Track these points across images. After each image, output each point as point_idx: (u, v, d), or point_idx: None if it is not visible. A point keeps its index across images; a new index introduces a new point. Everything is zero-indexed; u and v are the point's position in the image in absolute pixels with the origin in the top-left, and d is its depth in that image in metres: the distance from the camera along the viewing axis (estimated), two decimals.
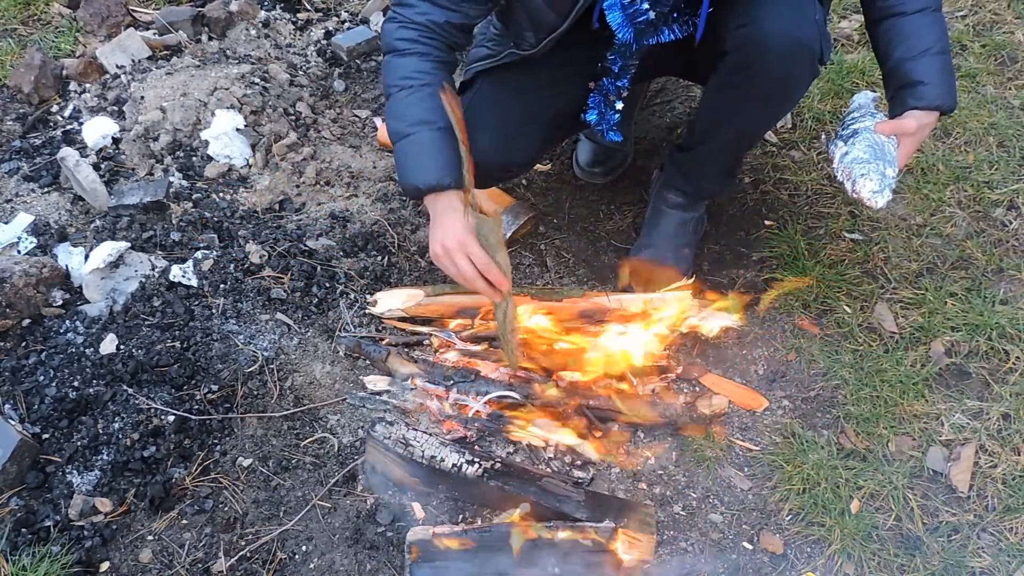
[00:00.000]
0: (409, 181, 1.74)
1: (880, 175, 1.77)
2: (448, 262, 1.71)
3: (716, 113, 1.99)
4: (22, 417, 1.84)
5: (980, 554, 1.65)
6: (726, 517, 1.75)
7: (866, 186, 1.78)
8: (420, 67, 1.75)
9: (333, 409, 1.93)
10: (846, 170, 1.82)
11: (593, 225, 2.39)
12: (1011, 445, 1.81)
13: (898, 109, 1.81)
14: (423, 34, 1.75)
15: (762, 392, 1.96)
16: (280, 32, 2.97)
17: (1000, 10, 2.97)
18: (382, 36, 1.83)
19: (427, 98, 1.73)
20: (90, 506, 1.72)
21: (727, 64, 1.86)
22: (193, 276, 2.13)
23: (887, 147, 1.80)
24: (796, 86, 1.91)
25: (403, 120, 1.74)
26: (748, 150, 2.36)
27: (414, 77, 1.74)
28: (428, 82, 1.74)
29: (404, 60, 1.76)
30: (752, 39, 1.78)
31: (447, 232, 1.70)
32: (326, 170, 2.53)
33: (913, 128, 1.78)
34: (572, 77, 1.99)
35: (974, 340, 2.00)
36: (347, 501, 1.76)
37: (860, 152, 1.80)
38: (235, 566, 1.66)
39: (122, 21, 2.94)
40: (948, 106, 1.79)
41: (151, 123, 2.53)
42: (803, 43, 1.79)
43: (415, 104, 1.73)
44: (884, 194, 1.78)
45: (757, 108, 1.93)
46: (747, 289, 2.18)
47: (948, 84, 1.79)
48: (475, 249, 1.68)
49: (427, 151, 1.71)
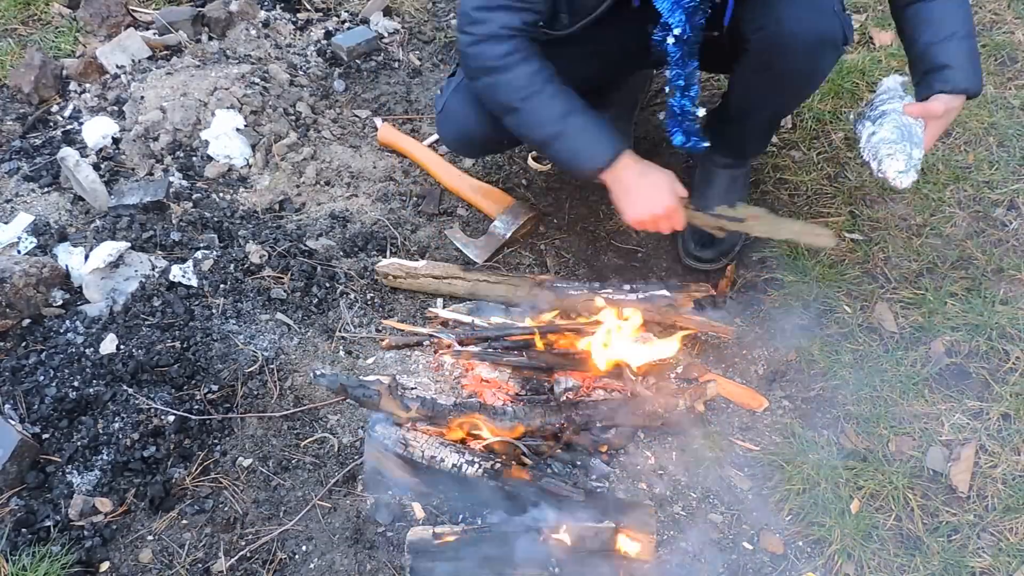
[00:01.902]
0: (588, 167, 1.82)
1: (907, 156, 1.78)
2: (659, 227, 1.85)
3: (746, 101, 2.05)
4: (22, 417, 1.84)
5: (980, 554, 1.65)
6: (726, 517, 1.75)
7: (892, 166, 1.79)
8: (530, 70, 1.79)
9: (333, 409, 1.93)
10: (872, 150, 1.83)
11: (593, 225, 2.39)
12: (1011, 445, 1.81)
13: (925, 92, 1.82)
14: (512, 43, 1.77)
15: (762, 392, 1.96)
16: (280, 32, 2.97)
17: (1000, 10, 2.96)
18: (470, 61, 1.83)
19: (556, 93, 1.79)
20: (90, 506, 1.72)
21: (751, 61, 1.88)
22: (193, 276, 2.13)
23: (914, 129, 1.81)
24: (821, 74, 1.96)
25: (547, 124, 1.80)
26: (784, 118, 2.49)
27: (533, 82, 1.78)
28: (547, 78, 1.79)
29: (512, 74, 1.79)
30: (775, 41, 1.80)
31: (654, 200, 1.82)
32: (326, 170, 2.53)
33: (940, 111, 1.79)
34: (591, 56, 1.99)
35: (974, 340, 2.00)
36: (347, 501, 1.76)
37: (888, 133, 1.81)
38: (235, 566, 1.66)
39: (122, 21, 2.94)
40: (974, 90, 1.80)
41: (151, 123, 2.53)
42: (825, 38, 1.81)
43: (547, 104, 1.78)
44: (910, 174, 1.79)
45: (786, 96, 2.01)
46: (747, 289, 2.18)
47: (974, 68, 1.80)
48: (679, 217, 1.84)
49: (587, 133, 1.78)
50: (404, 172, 2.55)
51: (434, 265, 2.17)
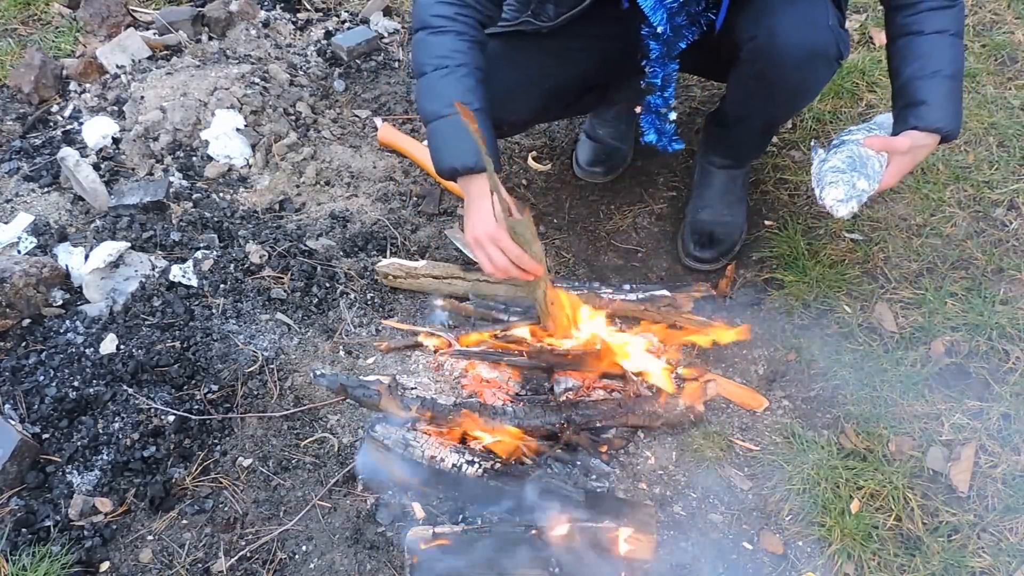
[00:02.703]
0: (445, 163, 1.75)
1: (849, 185, 1.77)
2: (482, 254, 1.74)
3: (739, 108, 2.05)
4: (22, 417, 1.84)
5: (980, 554, 1.65)
6: (726, 517, 1.74)
7: (831, 193, 1.78)
8: (456, 46, 1.74)
9: (333, 409, 1.93)
10: (818, 176, 1.83)
11: (593, 225, 2.39)
12: (1011, 445, 1.81)
13: (899, 127, 1.80)
14: (459, 11, 1.75)
15: (762, 392, 1.96)
16: (280, 32, 2.97)
17: (1000, 10, 2.97)
18: (415, 10, 1.81)
19: (463, 79, 1.73)
20: (90, 506, 1.72)
21: (743, 70, 1.87)
22: (193, 276, 2.13)
23: (871, 162, 1.79)
24: (815, 88, 1.95)
25: (439, 100, 1.74)
26: (780, 125, 2.48)
27: (451, 56, 1.73)
28: (464, 62, 1.73)
29: (440, 39, 1.75)
30: (766, 52, 1.78)
31: (477, 224, 1.73)
32: (326, 170, 2.53)
33: (904, 147, 1.76)
34: (580, 52, 1.99)
35: (974, 340, 2.00)
36: (347, 501, 1.76)
37: (838, 162, 1.80)
38: (235, 566, 1.66)
39: (122, 21, 2.94)
40: (948, 129, 1.76)
41: (151, 123, 2.53)
42: (817, 52, 1.79)
43: (452, 84, 1.73)
44: (849, 204, 1.77)
45: (779, 107, 2.00)
46: (747, 289, 2.18)
47: (952, 109, 1.77)
48: (506, 242, 1.71)
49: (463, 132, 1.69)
50: (404, 172, 2.55)
51: (434, 265, 2.17)
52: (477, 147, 1.64)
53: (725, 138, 2.20)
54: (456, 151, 1.72)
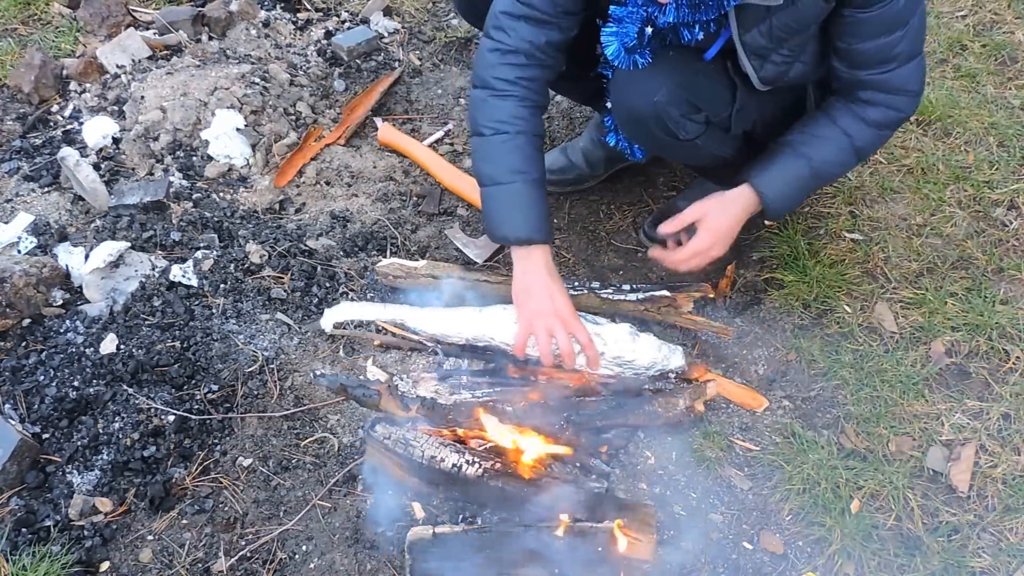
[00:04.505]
0: (500, 231, 1.79)
1: None
2: (544, 335, 1.76)
3: None
4: (22, 417, 1.84)
5: (980, 554, 1.65)
6: (726, 517, 1.74)
7: None
8: (518, 113, 1.77)
9: (333, 409, 1.93)
10: None
11: (593, 225, 2.39)
12: (1011, 445, 1.81)
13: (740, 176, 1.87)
14: (522, 75, 1.77)
15: (762, 392, 1.96)
16: (280, 32, 2.97)
17: (1000, 10, 2.97)
18: (479, 64, 1.82)
19: (523, 147, 1.77)
20: (90, 506, 1.72)
21: None
22: (193, 276, 2.13)
23: None
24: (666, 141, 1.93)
25: (498, 166, 1.78)
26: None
27: (512, 123, 1.76)
28: (524, 130, 1.77)
29: (503, 103, 1.78)
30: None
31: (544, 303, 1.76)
32: (326, 170, 2.53)
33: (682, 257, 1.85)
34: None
35: (974, 340, 2.00)
36: (347, 501, 1.76)
37: None
38: (235, 566, 1.66)
39: (122, 21, 2.94)
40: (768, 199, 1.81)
41: (151, 123, 2.53)
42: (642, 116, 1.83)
43: (511, 152, 1.76)
44: None
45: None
46: (747, 289, 2.18)
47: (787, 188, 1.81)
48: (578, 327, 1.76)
49: (522, 202, 1.76)
50: (404, 172, 2.55)
51: (434, 265, 2.16)
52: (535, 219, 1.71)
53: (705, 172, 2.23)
54: (515, 222, 1.77)
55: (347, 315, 1.96)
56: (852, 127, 1.80)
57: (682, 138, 1.86)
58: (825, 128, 1.81)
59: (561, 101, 2.74)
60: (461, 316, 1.96)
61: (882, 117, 1.79)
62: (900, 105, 1.79)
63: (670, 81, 1.79)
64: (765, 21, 1.65)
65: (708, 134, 1.88)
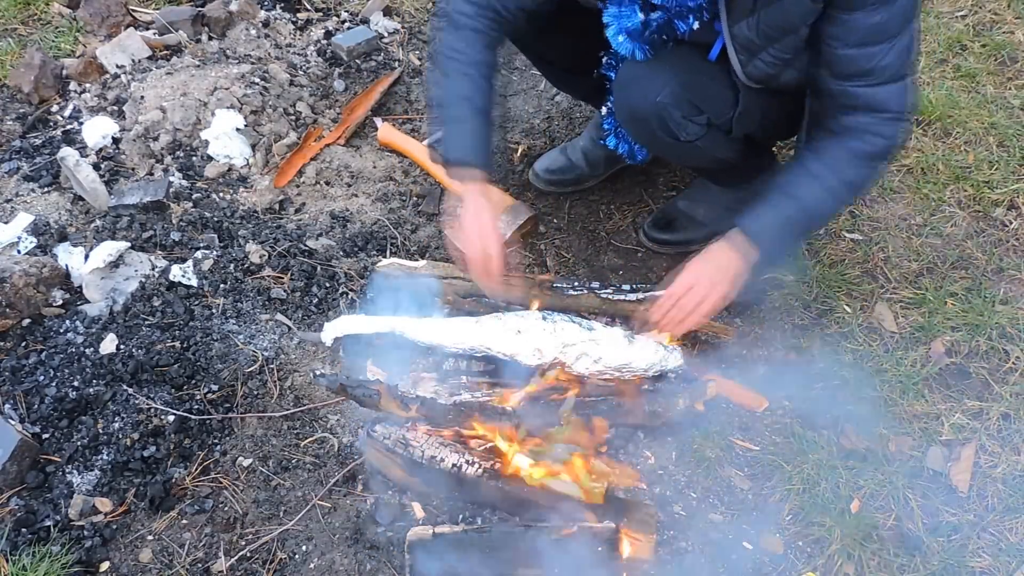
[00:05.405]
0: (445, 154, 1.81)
1: None
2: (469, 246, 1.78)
3: None
4: (22, 417, 1.84)
5: (980, 554, 1.65)
6: (726, 517, 1.74)
7: None
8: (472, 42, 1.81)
9: (333, 409, 1.93)
10: None
11: (593, 225, 2.39)
12: (1011, 445, 1.81)
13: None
14: (483, 11, 1.81)
15: (762, 392, 1.96)
16: (280, 32, 2.97)
17: (1000, 10, 2.97)
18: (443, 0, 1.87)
19: (473, 76, 1.80)
20: (90, 506, 1.72)
21: None
22: (193, 276, 2.13)
23: None
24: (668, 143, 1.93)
25: (447, 91, 1.82)
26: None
27: (465, 52, 1.81)
28: (477, 60, 1.81)
29: (457, 34, 1.82)
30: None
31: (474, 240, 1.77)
32: (326, 170, 2.53)
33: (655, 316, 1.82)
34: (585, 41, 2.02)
35: (974, 340, 2.00)
36: (347, 501, 1.76)
37: None
38: (235, 566, 1.66)
39: (122, 21, 2.94)
40: (757, 243, 1.76)
41: (151, 123, 2.53)
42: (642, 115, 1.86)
43: (461, 78, 1.80)
44: None
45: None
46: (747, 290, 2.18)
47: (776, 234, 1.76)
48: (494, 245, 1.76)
49: (463, 128, 1.79)
50: (404, 172, 2.55)
51: (434, 265, 2.16)
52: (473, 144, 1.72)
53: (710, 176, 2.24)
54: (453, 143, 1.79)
55: (347, 329, 1.96)
56: (840, 161, 1.73)
57: (683, 139, 1.87)
58: (813, 164, 1.75)
59: (561, 101, 2.74)
60: (459, 326, 1.96)
61: (869, 147, 1.72)
62: (885, 132, 1.71)
63: (673, 81, 1.80)
64: (753, 15, 1.65)
65: (709, 136, 1.88)
